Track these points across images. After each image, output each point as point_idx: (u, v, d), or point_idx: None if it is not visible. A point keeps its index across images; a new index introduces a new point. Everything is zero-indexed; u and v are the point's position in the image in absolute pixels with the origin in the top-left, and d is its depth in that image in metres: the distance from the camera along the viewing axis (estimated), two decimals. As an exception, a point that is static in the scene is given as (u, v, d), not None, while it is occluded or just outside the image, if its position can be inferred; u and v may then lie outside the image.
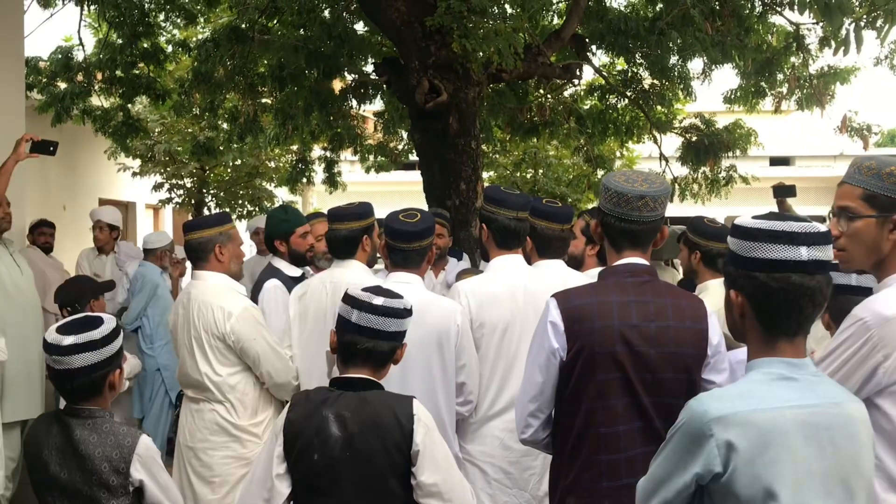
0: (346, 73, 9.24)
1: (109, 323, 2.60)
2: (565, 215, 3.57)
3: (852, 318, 2.21)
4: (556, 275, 3.41)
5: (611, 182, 2.48)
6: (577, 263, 4.15)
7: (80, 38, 9.15)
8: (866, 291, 2.76)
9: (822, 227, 1.73)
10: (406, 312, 2.43)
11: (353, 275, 3.50)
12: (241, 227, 15.60)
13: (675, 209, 12.41)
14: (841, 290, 2.95)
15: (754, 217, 1.77)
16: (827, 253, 1.72)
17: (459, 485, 2.40)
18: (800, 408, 1.68)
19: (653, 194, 2.43)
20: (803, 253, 1.69)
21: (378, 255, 3.77)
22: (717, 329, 2.47)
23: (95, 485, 2.56)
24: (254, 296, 4.11)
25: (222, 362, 3.60)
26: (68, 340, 2.50)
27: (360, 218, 3.63)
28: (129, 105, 9.78)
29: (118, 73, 9.06)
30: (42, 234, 7.03)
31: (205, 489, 3.62)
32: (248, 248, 6.65)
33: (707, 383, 2.44)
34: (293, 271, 4.24)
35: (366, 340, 2.38)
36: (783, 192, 6.21)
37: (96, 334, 2.53)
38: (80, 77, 9.12)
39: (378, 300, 2.39)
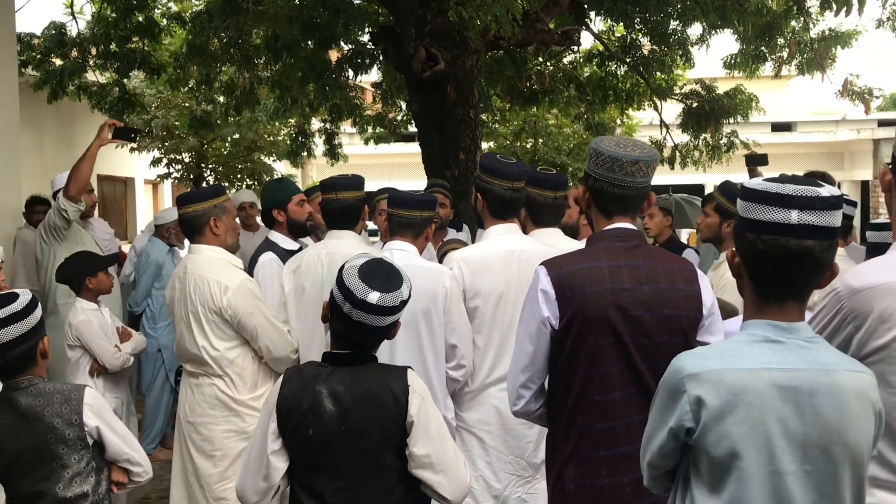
0: (342, 44, 9.14)
1: (25, 295, 2.64)
2: (558, 182, 3.54)
3: (830, 288, 2.20)
4: (552, 243, 3.38)
5: (602, 147, 2.41)
6: (572, 233, 4.13)
7: (72, 13, 9.04)
8: None
9: (823, 192, 1.68)
10: (402, 304, 2.34)
11: (348, 246, 3.48)
12: (241, 201, 15.37)
13: (676, 177, 12.44)
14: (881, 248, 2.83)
15: (765, 179, 1.74)
16: (824, 218, 1.67)
17: (452, 456, 2.38)
18: (779, 370, 1.67)
19: (646, 159, 2.40)
20: (793, 216, 1.66)
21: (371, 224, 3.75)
22: (709, 291, 2.45)
23: (53, 443, 2.60)
24: (249, 269, 4.10)
25: (220, 336, 3.59)
26: None
27: (358, 188, 3.62)
28: (125, 80, 9.69)
29: (113, 47, 8.96)
30: (35, 213, 6.64)
31: (206, 463, 3.63)
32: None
33: (702, 346, 2.40)
34: (290, 244, 4.22)
35: (357, 334, 2.33)
36: (755, 160, 6.18)
37: (17, 306, 2.58)
38: (74, 53, 9.02)
39: (373, 297, 2.25)
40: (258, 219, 5.89)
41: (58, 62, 9.01)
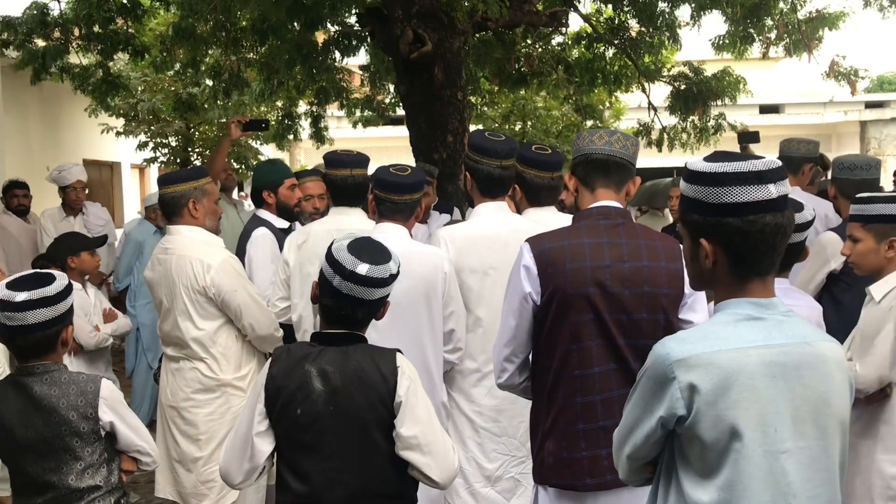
0: (328, 25, 9.07)
1: (62, 280, 2.59)
2: (555, 163, 3.50)
3: None
4: (543, 220, 3.35)
5: (582, 133, 2.58)
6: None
7: (56, -6, 8.92)
8: None
9: (777, 161, 1.69)
10: (391, 278, 2.34)
11: (358, 222, 3.45)
12: (228, 184, 15.39)
13: (663, 160, 12.53)
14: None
15: (708, 160, 1.71)
16: (788, 186, 1.70)
17: (440, 438, 2.38)
18: (765, 347, 1.66)
19: (625, 134, 2.53)
20: (772, 190, 1.66)
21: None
22: None
23: (67, 435, 2.57)
24: (241, 245, 4.08)
25: (204, 316, 3.56)
26: (21, 296, 2.48)
27: (365, 165, 3.63)
28: (110, 62, 9.58)
29: (96, 29, 8.85)
30: (14, 197, 6.71)
31: (192, 447, 3.61)
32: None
33: (684, 323, 2.47)
34: (281, 223, 4.22)
35: (347, 307, 2.32)
36: (748, 137, 6.21)
37: (50, 290, 2.53)
38: (56, 34, 8.90)
39: (362, 268, 2.26)
40: None
41: (40, 43, 8.90)
